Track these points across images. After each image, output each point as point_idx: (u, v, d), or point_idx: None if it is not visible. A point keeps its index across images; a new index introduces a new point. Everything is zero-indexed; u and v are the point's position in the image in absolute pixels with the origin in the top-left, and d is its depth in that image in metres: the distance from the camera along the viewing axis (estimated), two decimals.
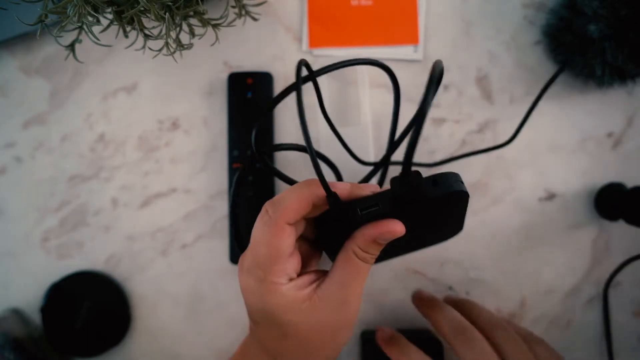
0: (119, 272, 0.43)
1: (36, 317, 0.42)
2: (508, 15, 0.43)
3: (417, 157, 0.42)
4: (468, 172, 0.42)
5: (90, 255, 0.43)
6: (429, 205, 0.30)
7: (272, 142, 0.42)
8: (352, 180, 0.35)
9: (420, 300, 0.38)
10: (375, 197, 0.30)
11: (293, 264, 0.30)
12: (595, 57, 0.37)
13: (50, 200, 0.43)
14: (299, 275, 0.31)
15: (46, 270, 0.43)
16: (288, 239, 0.30)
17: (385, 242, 0.30)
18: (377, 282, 0.41)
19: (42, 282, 0.42)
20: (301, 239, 0.33)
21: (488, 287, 0.42)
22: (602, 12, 0.35)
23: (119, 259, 0.43)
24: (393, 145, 0.34)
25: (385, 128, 0.43)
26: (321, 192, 0.29)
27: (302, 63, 0.29)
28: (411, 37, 0.43)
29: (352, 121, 0.42)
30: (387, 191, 0.30)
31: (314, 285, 0.31)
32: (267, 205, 0.30)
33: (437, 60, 0.26)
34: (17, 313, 0.42)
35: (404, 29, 0.43)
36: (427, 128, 0.43)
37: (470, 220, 0.42)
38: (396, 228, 0.29)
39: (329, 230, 0.31)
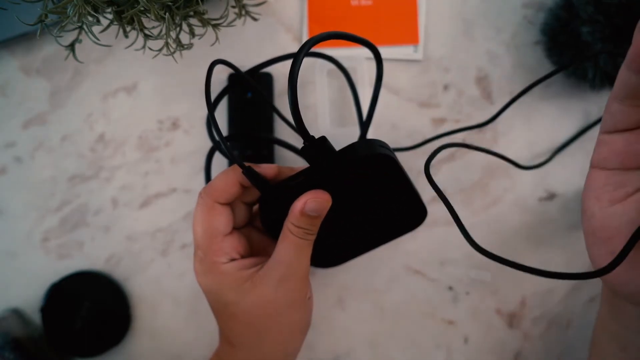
0: (119, 272, 0.43)
1: (36, 317, 0.42)
2: (508, 15, 0.43)
3: (418, 159, 0.42)
4: (468, 171, 0.42)
5: (90, 255, 0.43)
6: (352, 172, 0.30)
7: (271, 147, 0.42)
8: None
9: None
10: (300, 172, 0.31)
11: (232, 244, 0.32)
12: (588, 60, 0.37)
13: (50, 200, 0.43)
14: (245, 258, 0.32)
15: (46, 270, 0.43)
16: (220, 217, 0.31)
17: (314, 213, 0.30)
18: (377, 282, 0.41)
19: (42, 282, 0.42)
20: (252, 227, 0.34)
21: (488, 287, 0.42)
22: (598, 17, 0.35)
23: (119, 259, 0.43)
24: (364, 125, 0.34)
25: (385, 128, 0.43)
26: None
27: (217, 62, 0.31)
28: (411, 37, 0.43)
29: (352, 121, 0.42)
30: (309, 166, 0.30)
31: (259, 266, 0.32)
32: (201, 190, 0.32)
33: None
34: (17, 313, 0.42)
35: (404, 29, 0.43)
36: (427, 128, 0.43)
37: (470, 220, 0.42)
38: (319, 195, 0.30)
39: (266, 212, 0.32)
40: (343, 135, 0.41)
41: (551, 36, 0.40)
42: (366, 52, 0.43)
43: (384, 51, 0.43)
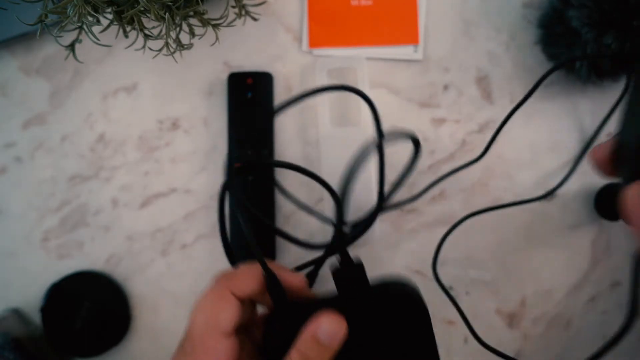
0: (119, 272, 0.43)
1: (36, 317, 0.42)
2: (508, 15, 0.43)
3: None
4: (468, 172, 0.42)
5: (90, 255, 0.43)
6: (376, 307, 0.27)
7: (271, 143, 0.42)
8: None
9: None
10: (326, 298, 0.27)
11: (226, 350, 0.25)
12: (577, 50, 0.37)
13: (50, 200, 0.43)
14: None
15: (46, 270, 0.43)
16: (228, 311, 0.26)
17: (327, 340, 0.25)
18: None
19: (42, 282, 0.42)
20: (247, 337, 0.29)
21: (488, 287, 0.42)
22: (586, 2, 0.35)
23: (119, 259, 0.43)
24: (381, 199, 0.31)
25: (385, 128, 0.43)
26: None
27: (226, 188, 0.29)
28: (411, 37, 0.43)
29: (352, 121, 0.42)
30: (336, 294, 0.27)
31: None
32: (218, 275, 0.28)
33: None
34: (17, 313, 0.42)
35: (404, 29, 0.43)
36: (427, 128, 0.43)
37: (470, 220, 0.42)
38: (336, 318, 0.25)
39: (273, 332, 0.27)
40: (343, 135, 0.42)
41: (547, 27, 0.40)
42: (366, 52, 0.43)
43: (384, 51, 0.43)
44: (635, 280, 0.25)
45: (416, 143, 0.32)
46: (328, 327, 0.25)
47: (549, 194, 0.41)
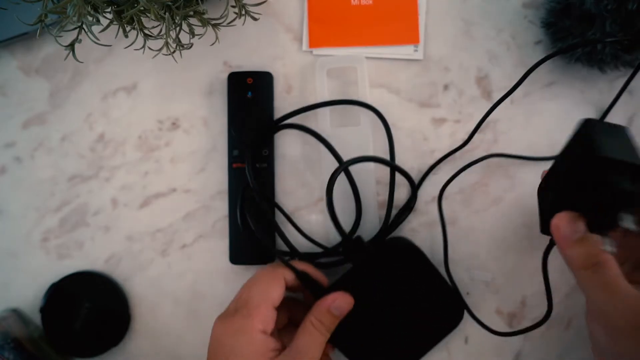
0: (119, 272, 0.43)
1: (36, 317, 0.42)
2: (508, 15, 0.43)
3: (418, 158, 0.42)
4: (468, 171, 0.42)
5: (90, 255, 0.43)
6: (381, 262, 0.36)
7: (271, 143, 0.42)
8: None
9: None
10: (344, 275, 0.37)
11: (272, 318, 0.34)
12: (594, 33, 0.36)
13: (50, 200, 0.43)
14: (270, 336, 0.34)
15: (46, 270, 0.43)
16: (280, 290, 0.35)
17: (338, 312, 0.35)
18: None
19: (42, 282, 0.42)
20: (278, 311, 0.36)
21: (488, 287, 0.42)
22: None
23: (119, 259, 0.43)
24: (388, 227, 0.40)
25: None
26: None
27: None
28: (411, 37, 0.43)
29: (353, 121, 0.42)
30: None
31: (276, 351, 0.34)
32: (280, 259, 0.37)
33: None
34: (17, 313, 0.42)
35: (404, 29, 0.43)
36: (428, 127, 0.43)
37: (470, 220, 0.42)
38: (346, 297, 0.35)
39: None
40: (343, 135, 0.41)
41: (554, 23, 0.40)
42: (366, 52, 0.43)
43: (384, 50, 0.43)
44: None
45: (412, 184, 0.41)
46: (340, 303, 0.35)
47: None
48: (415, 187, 0.41)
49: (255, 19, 0.39)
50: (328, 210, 0.36)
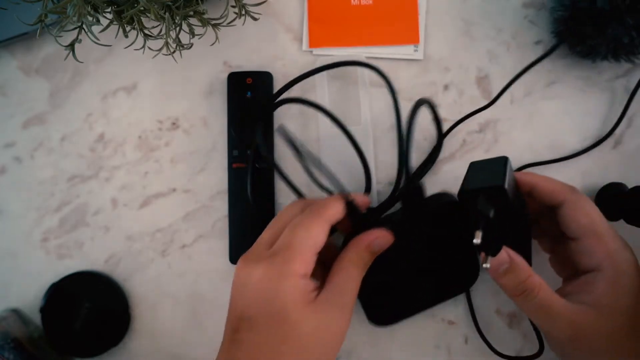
0: (119, 272, 0.43)
1: (36, 317, 0.42)
2: (508, 15, 0.43)
3: (418, 158, 0.42)
4: None
5: (90, 255, 0.43)
6: (428, 215, 0.36)
7: (271, 142, 0.42)
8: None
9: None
10: (394, 213, 0.37)
11: (313, 262, 0.31)
12: (614, 29, 0.36)
13: (50, 200, 0.43)
14: (310, 280, 0.31)
15: (46, 270, 0.43)
16: (324, 235, 0.32)
17: (378, 249, 0.33)
18: None
19: (42, 282, 0.42)
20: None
21: (488, 287, 0.42)
22: None
23: (119, 259, 0.43)
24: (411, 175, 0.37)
25: (385, 127, 0.43)
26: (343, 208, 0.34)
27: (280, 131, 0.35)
28: (411, 37, 0.43)
29: (353, 121, 0.42)
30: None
31: (316, 291, 0.31)
32: (311, 204, 0.34)
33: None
34: (17, 313, 0.42)
35: (405, 28, 0.43)
36: (428, 128, 0.43)
37: None
38: (387, 234, 0.34)
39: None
40: (343, 135, 0.41)
41: (567, 23, 0.39)
42: (366, 52, 0.43)
43: (385, 50, 0.43)
44: None
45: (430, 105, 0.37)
46: (381, 241, 0.33)
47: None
48: (441, 135, 0.39)
49: (255, 19, 0.39)
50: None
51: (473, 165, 0.35)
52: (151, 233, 0.43)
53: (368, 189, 0.40)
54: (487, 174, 0.33)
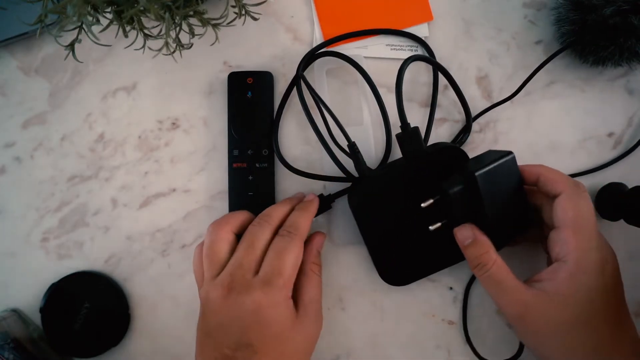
0: (118, 272, 0.43)
1: (36, 317, 0.42)
2: (509, 14, 0.43)
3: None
4: None
5: (90, 255, 0.43)
6: (433, 162, 0.37)
7: (276, 142, 0.42)
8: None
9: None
10: (392, 163, 0.39)
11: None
12: (627, 37, 0.37)
13: (50, 200, 0.43)
14: None
15: (46, 270, 0.43)
16: (302, 250, 0.36)
17: (322, 247, 0.39)
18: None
19: (42, 282, 0.42)
20: None
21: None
22: None
23: (119, 259, 0.43)
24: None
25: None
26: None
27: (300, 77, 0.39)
28: (423, 15, 0.43)
29: (354, 121, 0.42)
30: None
31: (295, 308, 0.35)
32: (289, 226, 0.36)
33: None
34: (16, 313, 0.42)
35: (415, 7, 0.43)
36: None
37: None
38: (321, 235, 0.39)
39: (357, 196, 0.39)
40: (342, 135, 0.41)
41: (578, 34, 0.40)
42: (366, 52, 0.43)
43: (385, 50, 0.43)
44: None
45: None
46: (321, 241, 0.40)
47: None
48: (470, 118, 0.41)
49: (255, 19, 0.39)
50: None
51: (488, 153, 0.37)
52: (151, 233, 0.43)
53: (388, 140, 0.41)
54: (479, 161, 0.35)
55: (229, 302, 0.33)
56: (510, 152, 0.35)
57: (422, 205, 0.36)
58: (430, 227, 0.37)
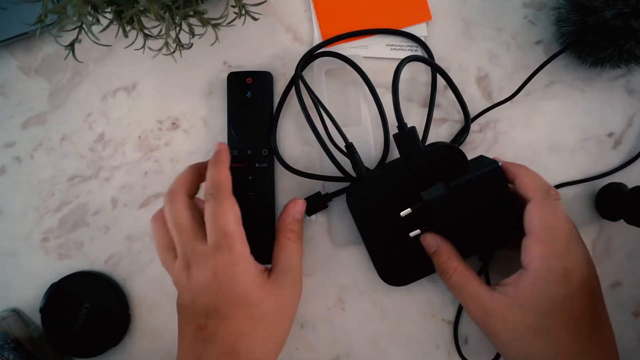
0: (118, 272, 0.43)
1: (36, 317, 0.42)
2: (508, 14, 0.43)
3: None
4: None
5: (90, 255, 0.43)
6: (429, 161, 0.37)
7: (275, 142, 0.42)
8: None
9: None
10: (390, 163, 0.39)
11: (245, 236, 0.34)
12: (626, 39, 0.37)
13: (50, 200, 0.43)
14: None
15: (46, 270, 0.43)
16: (235, 204, 0.34)
17: (301, 215, 0.38)
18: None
19: (42, 282, 0.42)
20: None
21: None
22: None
23: (119, 259, 0.43)
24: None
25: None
26: None
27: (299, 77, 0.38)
28: (422, 14, 0.43)
29: (353, 121, 0.42)
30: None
31: (266, 272, 0.35)
32: (209, 190, 0.34)
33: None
34: (16, 313, 0.42)
35: (414, 7, 0.43)
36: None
37: None
38: (299, 200, 0.39)
39: (356, 197, 0.39)
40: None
41: (578, 35, 0.40)
42: (365, 52, 0.43)
43: (385, 51, 0.43)
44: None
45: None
46: (300, 207, 0.39)
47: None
48: (469, 119, 0.42)
49: (255, 19, 0.39)
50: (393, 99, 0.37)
51: (476, 160, 0.38)
52: (151, 233, 0.43)
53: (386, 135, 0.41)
54: (465, 169, 0.36)
55: (192, 278, 0.33)
56: (494, 162, 0.36)
57: (401, 214, 0.36)
58: (411, 234, 0.37)
